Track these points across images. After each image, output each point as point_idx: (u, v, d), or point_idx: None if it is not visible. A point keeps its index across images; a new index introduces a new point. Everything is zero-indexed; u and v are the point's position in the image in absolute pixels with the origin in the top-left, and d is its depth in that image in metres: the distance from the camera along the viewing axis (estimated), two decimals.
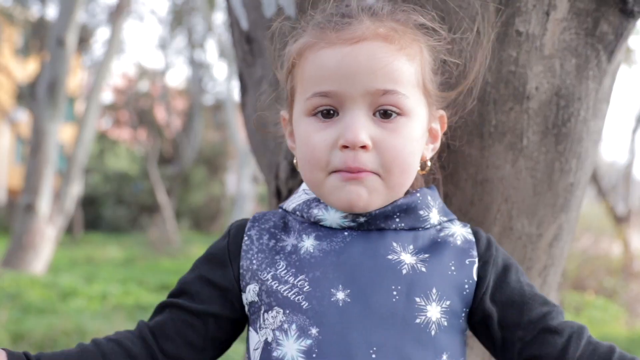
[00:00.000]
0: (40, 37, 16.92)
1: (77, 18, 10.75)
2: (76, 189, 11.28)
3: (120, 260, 13.60)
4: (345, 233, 1.08)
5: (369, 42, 1.05)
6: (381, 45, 1.05)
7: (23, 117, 21.02)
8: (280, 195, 1.74)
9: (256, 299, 1.09)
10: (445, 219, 1.14)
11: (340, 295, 1.02)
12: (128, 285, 9.54)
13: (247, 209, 20.44)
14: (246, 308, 1.11)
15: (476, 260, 1.09)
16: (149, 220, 18.52)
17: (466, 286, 1.07)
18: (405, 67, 1.06)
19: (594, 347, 1.05)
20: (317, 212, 1.10)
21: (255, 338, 1.08)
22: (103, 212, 21.72)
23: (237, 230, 1.17)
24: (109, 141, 24.26)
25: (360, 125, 1.03)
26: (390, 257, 1.05)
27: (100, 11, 20.83)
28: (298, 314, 1.03)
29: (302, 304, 1.03)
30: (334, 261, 1.05)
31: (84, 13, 18.22)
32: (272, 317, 1.06)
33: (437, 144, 1.18)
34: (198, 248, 15.79)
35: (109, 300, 8.35)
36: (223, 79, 22.80)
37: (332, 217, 1.09)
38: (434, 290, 1.03)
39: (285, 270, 1.07)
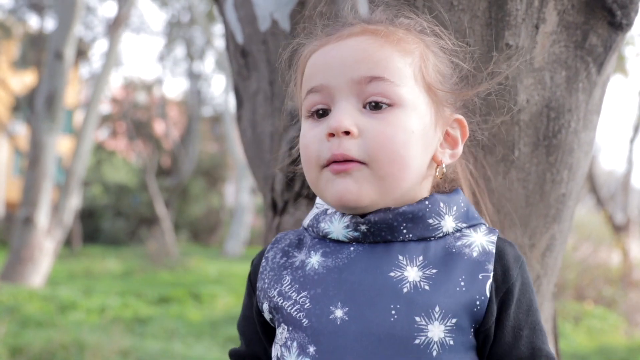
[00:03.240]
0: (38, 50, 16.97)
1: (75, 31, 10.79)
2: (74, 202, 11.29)
3: (118, 273, 13.59)
4: (351, 248, 1.05)
5: (356, 36, 1.05)
6: (368, 38, 1.05)
7: (21, 130, 21.05)
8: (276, 208, 1.75)
9: (270, 316, 1.10)
10: (464, 225, 1.07)
11: (339, 313, 1.00)
12: (127, 298, 9.53)
13: (246, 221, 20.46)
14: None
15: (491, 275, 1.02)
16: (148, 232, 18.51)
17: (477, 302, 1.00)
18: (395, 56, 1.03)
19: None
20: (324, 226, 1.08)
21: (272, 353, 1.10)
22: (101, 225, 21.73)
23: (258, 257, 1.18)
24: (107, 153, 24.28)
25: (345, 113, 1.02)
26: (392, 274, 1.01)
27: (98, 24, 20.90)
28: (299, 331, 1.02)
29: (302, 321, 1.02)
30: (335, 278, 1.03)
31: (81, 26, 18.29)
32: (280, 333, 1.07)
33: (457, 150, 1.12)
34: (197, 260, 15.77)
35: (107, 313, 8.34)
36: (221, 91, 22.88)
37: (336, 229, 1.06)
38: (437, 309, 0.98)
39: (290, 286, 1.06)
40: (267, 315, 1.10)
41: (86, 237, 20.70)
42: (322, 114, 1.06)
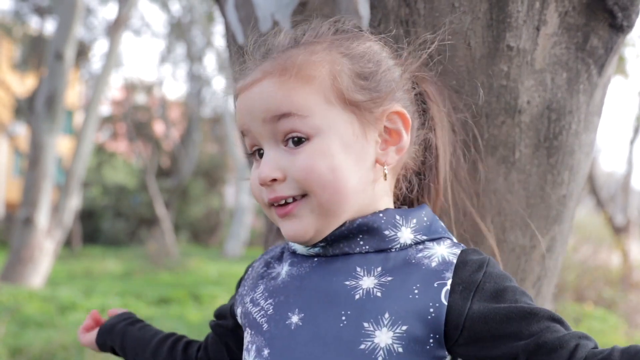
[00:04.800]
0: (38, 51, 16.98)
1: (75, 32, 10.80)
2: (74, 202, 11.29)
3: (118, 274, 13.59)
4: (315, 259, 1.09)
5: (259, 82, 1.06)
6: (268, 82, 1.05)
7: (21, 131, 21.06)
8: None
9: (240, 321, 1.16)
10: (425, 237, 1.07)
11: (295, 319, 1.04)
12: (127, 298, 9.53)
13: (246, 222, 20.45)
14: None
15: (448, 283, 1.00)
16: (148, 233, 18.51)
17: (431, 310, 0.99)
18: (297, 89, 1.04)
19: (600, 354, 0.91)
20: (291, 243, 1.14)
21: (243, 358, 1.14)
22: (101, 226, 21.72)
23: (250, 265, 1.25)
24: (107, 154, 24.30)
25: (268, 162, 1.05)
26: (347, 282, 1.03)
27: (98, 25, 20.92)
28: (259, 336, 1.06)
29: (263, 326, 1.06)
30: (297, 285, 1.07)
31: (81, 27, 18.30)
32: (245, 337, 1.11)
33: (403, 143, 1.10)
34: (197, 261, 15.77)
35: (107, 313, 8.33)
36: (222, 92, 22.88)
37: (300, 247, 1.11)
38: (387, 315, 0.98)
39: (261, 294, 1.11)
40: (239, 320, 1.17)
41: (86, 237, 20.70)
42: (262, 153, 1.09)
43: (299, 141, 1.03)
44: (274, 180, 1.04)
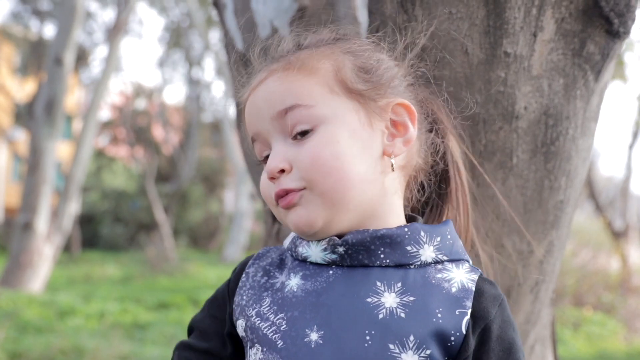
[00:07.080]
0: (38, 56, 16.99)
1: (75, 37, 10.82)
2: (74, 207, 11.29)
3: (118, 279, 13.59)
4: (331, 272, 1.05)
5: (264, 82, 1.08)
6: (272, 79, 1.07)
7: (21, 136, 21.05)
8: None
9: (243, 334, 1.09)
10: (446, 258, 1.06)
11: (314, 336, 1.00)
12: (126, 303, 9.53)
13: (245, 226, 20.45)
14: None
15: (468, 312, 1.02)
16: (147, 238, 18.51)
17: (452, 338, 1.00)
18: (301, 81, 1.06)
19: None
20: (302, 250, 1.09)
21: None
22: (101, 230, 21.71)
23: (240, 268, 1.18)
24: (107, 159, 24.30)
25: (275, 155, 1.05)
26: (369, 299, 1.01)
27: (98, 29, 20.94)
28: (274, 353, 1.02)
29: (277, 342, 1.02)
30: (313, 301, 1.03)
31: (81, 32, 18.32)
32: (253, 353, 1.06)
33: (409, 135, 1.10)
34: (196, 266, 15.76)
35: (106, 318, 8.34)
36: (221, 97, 22.89)
37: (314, 252, 1.07)
38: (412, 338, 0.98)
39: (268, 307, 1.07)
40: (240, 332, 1.10)
41: (85, 242, 20.69)
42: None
43: (304, 133, 1.04)
44: (282, 171, 1.04)
